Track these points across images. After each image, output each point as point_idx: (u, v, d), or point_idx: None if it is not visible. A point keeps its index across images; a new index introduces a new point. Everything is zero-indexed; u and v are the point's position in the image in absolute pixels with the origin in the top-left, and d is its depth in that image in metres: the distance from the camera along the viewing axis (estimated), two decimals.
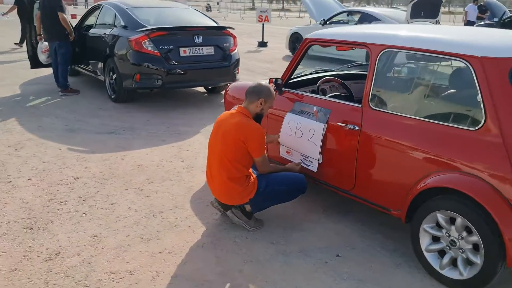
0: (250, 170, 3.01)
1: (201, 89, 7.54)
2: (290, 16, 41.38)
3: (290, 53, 12.82)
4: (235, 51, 6.70)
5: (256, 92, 2.95)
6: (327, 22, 11.72)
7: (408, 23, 9.89)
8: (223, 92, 7.39)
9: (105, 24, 7.11)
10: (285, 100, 3.49)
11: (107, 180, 3.85)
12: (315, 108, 3.20)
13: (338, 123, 3.01)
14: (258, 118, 3.01)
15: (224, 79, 6.63)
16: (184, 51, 6.14)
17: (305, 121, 3.22)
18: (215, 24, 6.76)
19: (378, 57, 2.83)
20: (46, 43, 6.93)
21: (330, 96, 3.40)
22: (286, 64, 11.09)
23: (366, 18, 10.88)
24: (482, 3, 16.61)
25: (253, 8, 65.19)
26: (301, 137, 3.23)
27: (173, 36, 6.10)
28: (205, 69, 6.34)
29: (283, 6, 79.70)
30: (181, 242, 2.91)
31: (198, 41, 6.20)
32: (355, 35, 3.14)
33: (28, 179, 3.82)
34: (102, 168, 4.11)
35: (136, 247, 2.84)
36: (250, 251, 2.82)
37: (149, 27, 6.00)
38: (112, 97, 6.61)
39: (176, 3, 8.46)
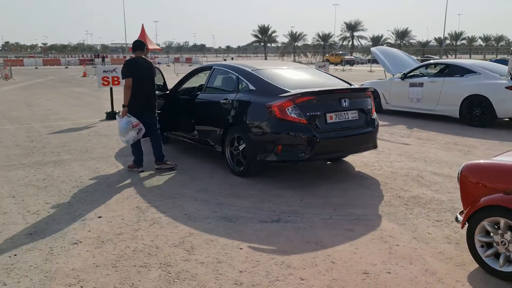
0: None
1: None
2: None
3: None
4: (375, 113, 5.90)
5: None
6: (407, 76, 11.10)
7: (511, 74, 9.20)
8: (344, 158, 6.56)
9: (221, 88, 6.38)
10: None
11: None
12: None
13: None
14: None
15: (368, 146, 5.79)
16: (331, 117, 5.33)
17: None
18: (355, 85, 5.98)
19: None
20: (132, 117, 5.83)
21: None
22: None
23: (456, 71, 10.18)
24: None
25: None
26: None
27: (320, 101, 5.30)
28: (351, 137, 5.49)
29: (294, 59, 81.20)
30: None
31: (345, 105, 5.41)
32: None
33: None
34: (326, 282, 3.14)
35: None
36: None
37: (293, 92, 5.21)
38: (238, 170, 5.72)
39: (294, 63, 7.80)
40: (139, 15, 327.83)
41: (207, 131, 6.35)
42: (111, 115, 10.71)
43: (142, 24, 54.05)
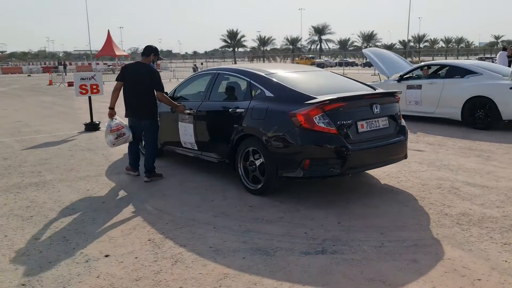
0: None
1: None
2: None
3: None
4: (403, 120, 5.34)
5: None
6: (403, 78, 10.71)
7: None
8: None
9: (228, 96, 5.67)
10: None
11: None
12: None
13: None
14: None
15: (400, 157, 5.21)
16: (362, 126, 4.73)
17: None
18: (380, 89, 5.39)
19: None
20: (117, 120, 5.64)
21: None
22: None
23: (456, 72, 9.81)
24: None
25: None
26: None
27: (351, 107, 4.68)
28: (384, 146, 4.90)
29: (264, 63, 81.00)
30: None
31: (377, 111, 4.82)
32: None
33: None
34: None
35: None
36: None
37: (321, 98, 4.57)
38: (255, 189, 5.03)
39: (304, 65, 7.16)
40: (102, 21, 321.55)
41: (211, 144, 5.63)
42: (90, 127, 9.78)
43: (108, 30, 52.59)
